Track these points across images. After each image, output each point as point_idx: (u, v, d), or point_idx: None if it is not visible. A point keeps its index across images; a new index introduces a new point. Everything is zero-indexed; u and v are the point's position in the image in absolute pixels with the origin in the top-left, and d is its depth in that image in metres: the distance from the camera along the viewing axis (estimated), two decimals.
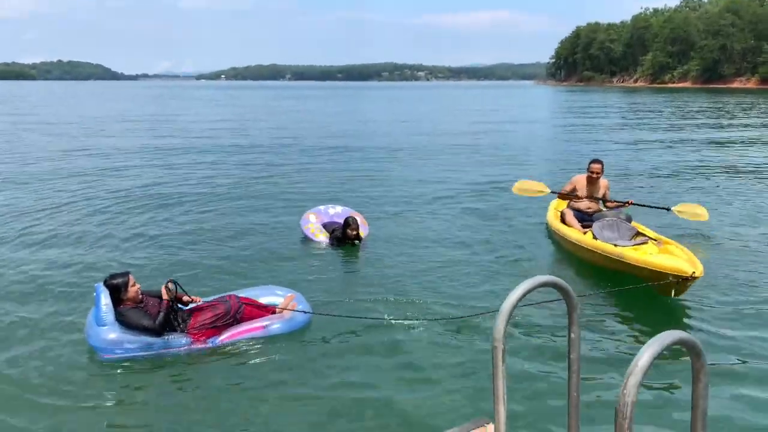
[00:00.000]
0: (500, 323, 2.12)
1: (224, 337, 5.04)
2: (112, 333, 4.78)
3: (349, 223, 7.94)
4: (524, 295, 2.13)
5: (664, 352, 1.69)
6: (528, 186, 8.99)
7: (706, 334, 5.23)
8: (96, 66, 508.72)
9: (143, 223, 9.35)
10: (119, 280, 4.93)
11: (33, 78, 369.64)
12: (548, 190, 8.77)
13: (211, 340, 5.00)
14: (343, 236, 7.91)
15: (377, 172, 14.56)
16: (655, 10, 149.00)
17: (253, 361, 4.79)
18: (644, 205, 8.41)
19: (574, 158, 16.45)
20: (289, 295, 5.61)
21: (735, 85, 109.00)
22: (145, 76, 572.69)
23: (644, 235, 7.21)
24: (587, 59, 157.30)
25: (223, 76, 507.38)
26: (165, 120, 34.03)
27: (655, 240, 7.02)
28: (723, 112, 37.65)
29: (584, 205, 8.08)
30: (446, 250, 7.87)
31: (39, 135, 24.18)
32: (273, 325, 5.18)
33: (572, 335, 2.24)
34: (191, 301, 5.29)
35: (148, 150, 18.96)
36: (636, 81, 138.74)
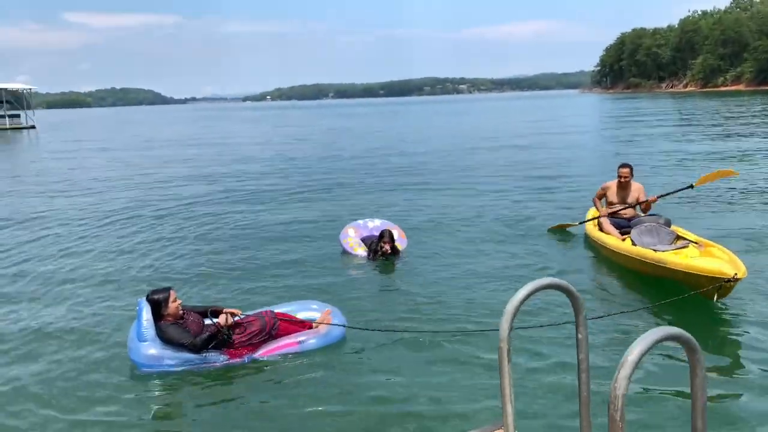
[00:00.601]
0: (505, 324, 2.19)
1: (260, 353, 5.09)
2: (152, 348, 4.90)
3: (383, 235, 8.00)
4: (528, 296, 2.20)
5: (670, 350, 1.75)
6: (560, 226, 9.27)
7: (745, 338, 5.13)
8: (147, 92, 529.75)
9: (185, 236, 9.79)
10: (160, 296, 5.03)
11: (89, 105, 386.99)
12: (577, 223, 8.96)
13: (247, 356, 5.07)
14: (378, 249, 7.98)
15: (418, 185, 14.61)
16: (704, 12, 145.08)
17: (288, 377, 4.81)
18: (668, 194, 8.28)
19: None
20: (326, 310, 5.64)
21: None
22: (194, 99, 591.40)
23: (685, 238, 7.05)
24: (633, 65, 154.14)
25: (268, 97, 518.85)
26: (212, 140, 35.08)
27: (696, 243, 6.83)
28: None
29: (619, 211, 8.02)
30: (483, 263, 7.80)
31: (102, 160, 25.28)
32: (309, 340, 5.21)
33: (580, 336, 2.30)
34: (232, 315, 5.27)
35: (196, 167, 19.66)
36: (686, 86, 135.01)
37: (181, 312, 5.11)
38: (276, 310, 5.53)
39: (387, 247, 7.94)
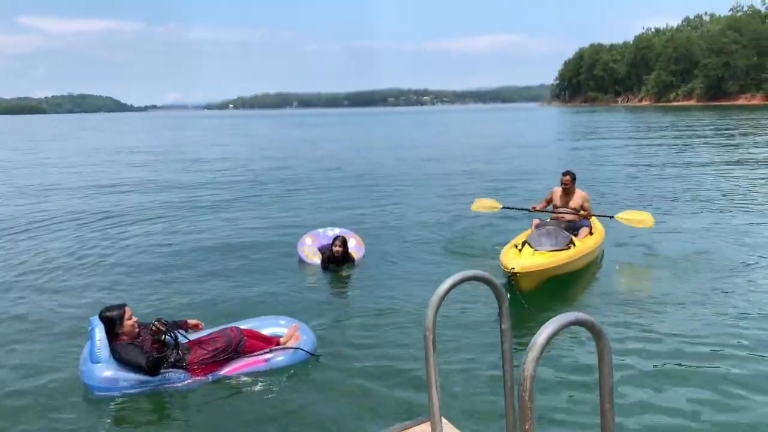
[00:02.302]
0: (430, 314, 2.26)
1: (225, 371, 4.79)
2: (106, 370, 4.55)
3: (334, 241, 8.02)
4: (451, 288, 2.28)
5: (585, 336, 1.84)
6: (483, 203, 9.76)
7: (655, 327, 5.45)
8: (105, 98, 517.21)
9: (138, 251, 9.29)
10: (114, 313, 4.68)
11: (44, 112, 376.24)
12: (500, 206, 9.49)
13: (211, 374, 4.77)
14: (331, 254, 7.99)
15: (377, 193, 14.73)
16: (657, 30, 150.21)
17: (254, 396, 4.55)
18: (591, 215, 8.69)
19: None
20: (294, 325, 5.40)
21: (740, 101, 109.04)
22: (154, 107, 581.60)
23: (573, 243, 7.51)
24: (591, 80, 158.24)
25: (230, 105, 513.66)
26: (168, 150, 34.57)
27: (573, 245, 7.49)
28: (728, 130, 37.77)
29: (555, 215, 8.56)
30: (441, 268, 7.89)
31: (54, 170, 24.60)
32: (276, 357, 4.93)
33: (503, 327, 2.38)
34: (194, 327, 5.05)
35: (146, 179, 19.25)
36: (641, 100, 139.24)
37: (136, 330, 4.76)
38: (242, 326, 5.22)
39: (338, 249, 7.95)
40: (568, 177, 8.56)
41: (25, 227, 11.26)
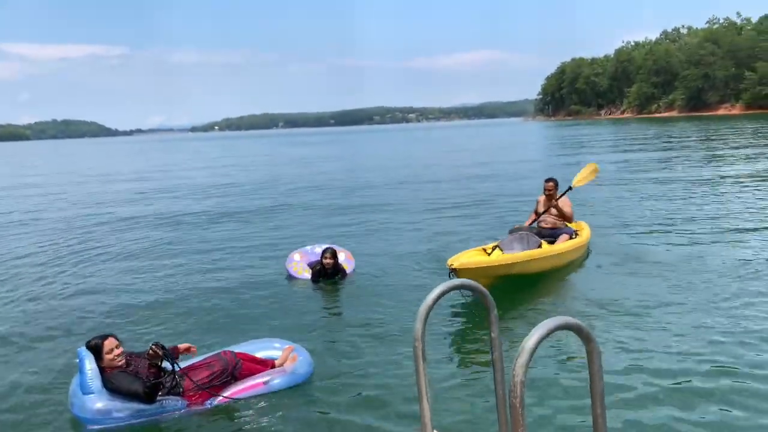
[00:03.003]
0: (419, 324, 2.25)
1: (223, 396, 4.63)
2: (99, 402, 4.34)
3: (324, 253, 7.98)
4: (438, 297, 2.27)
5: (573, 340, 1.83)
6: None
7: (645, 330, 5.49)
8: (90, 123, 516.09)
9: (122, 276, 9.00)
10: (96, 342, 4.50)
11: (27, 138, 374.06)
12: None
13: (209, 401, 4.61)
14: (322, 267, 7.94)
15: (365, 209, 14.73)
16: (637, 44, 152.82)
17: (254, 421, 4.40)
18: (559, 196, 8.88)
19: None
20: (288, 346, 5.30)
21: (720, 111, 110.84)
22: (140, 131, 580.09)
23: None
24: (574, 93, 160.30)
25: (216, 127, 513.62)
26: (153, 174, 34.43)
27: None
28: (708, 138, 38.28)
29: (541, 221, 8.79)
30: (431, 279, 7.84)
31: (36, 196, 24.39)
32: (274, 380, 4.80)
33: (492, 335, 2.38)
34: (186, 351, 4.85)
35: (134, 202, 19.14)
36: (623, 112, 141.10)
37: (123, 361, 4.53)
38: (236, 350, 5.10)
39: (328, 261, 7.90)
40: (551, 183, 8.78)
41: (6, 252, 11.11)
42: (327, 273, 7.97)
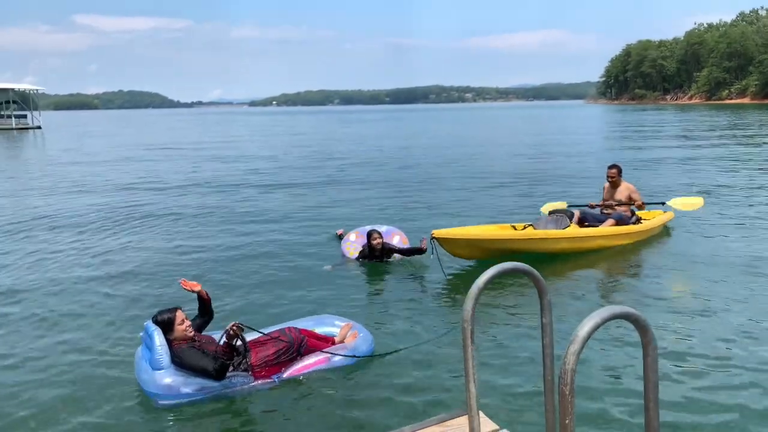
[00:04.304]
0: (468, 305, 2.24)
1: (289, 372, 4.63)
2: (168, 377, 4.31)
3: (371, 234, 7.97)
4: (491, 279, 2.25)
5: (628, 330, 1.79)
6: (552, 205, 9.76)
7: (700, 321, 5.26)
8: (154, 95, 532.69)
9: (181, 250, 9.10)
10: (168, 317, 4.48)
11: (96, 107, 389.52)
12: (566, 205, 9.62)
13: (275, 376, 4.60)
14: (370, 248, 7.97)
15: (425, 193, 14.50)
16: (710, 25, 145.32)
17: (319, 396, 4.41)
18: (649, 203, 8.95)
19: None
20: (347, 323, 5.33)
21: None
22: (200, 103, 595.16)
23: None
24: (639, 77, 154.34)
25: (274, 102, 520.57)
26: (215, 145, 35.26)
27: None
28: None
29: (607, 206, 8.86)
30: (482, 262, 7.77)
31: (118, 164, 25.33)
32: (337, 356, 4.80)
33: (544, 320, 2.34)
34: (191, 289, 4.80)
35: (193, 176, 19.55)
36: (691, 98, 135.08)
37: (191, 334, 4.56)
38: (298, 326, 5.11)
39: (377, 241, 7.90)
40: (614, 170, 8.77)
41: (62, 223, 11.60)
42: (375, 255, 7.98)
